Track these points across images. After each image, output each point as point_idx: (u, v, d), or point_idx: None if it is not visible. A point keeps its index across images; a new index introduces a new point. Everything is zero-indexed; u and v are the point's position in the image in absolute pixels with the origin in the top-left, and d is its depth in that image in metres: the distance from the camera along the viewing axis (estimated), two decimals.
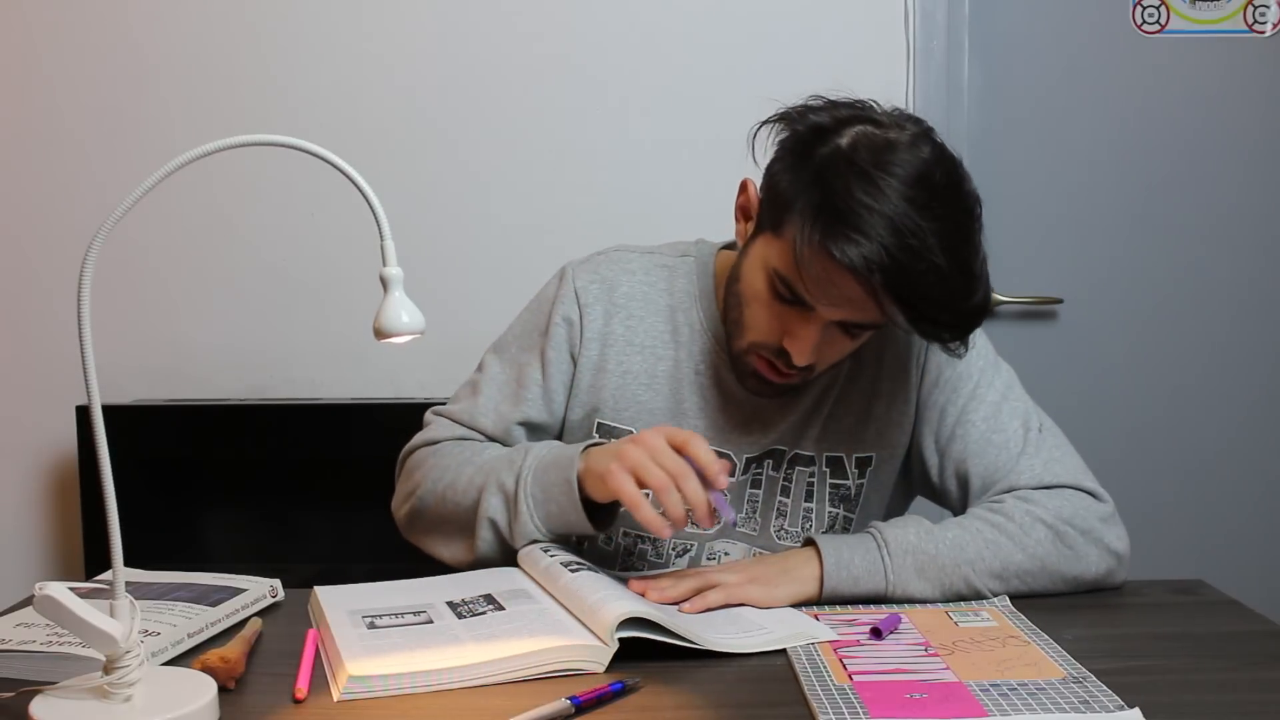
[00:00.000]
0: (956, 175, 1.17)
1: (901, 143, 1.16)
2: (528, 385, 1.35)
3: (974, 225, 1.17)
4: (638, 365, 1.35)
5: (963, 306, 1.15)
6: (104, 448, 0.88)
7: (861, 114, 1.20)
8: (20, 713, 0.88)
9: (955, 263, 1.13)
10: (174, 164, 0.88)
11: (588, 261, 1.40)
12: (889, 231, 1.10)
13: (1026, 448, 1.27)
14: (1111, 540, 1.22)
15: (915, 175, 1.13)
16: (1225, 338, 2.51)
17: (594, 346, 1.35)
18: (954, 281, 1.13)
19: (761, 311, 1.22)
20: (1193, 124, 2.47)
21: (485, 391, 1.36)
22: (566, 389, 1.36)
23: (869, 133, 1.17)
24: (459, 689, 0.95)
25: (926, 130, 1.20)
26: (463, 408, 1.37)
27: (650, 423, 1.33)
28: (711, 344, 1.34)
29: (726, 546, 1.34)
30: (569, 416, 1.36)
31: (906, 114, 1.22)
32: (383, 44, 2.30)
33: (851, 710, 0.89)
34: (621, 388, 1.34)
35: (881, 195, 1.11)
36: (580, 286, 1.37)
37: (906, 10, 2.29)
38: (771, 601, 1.15)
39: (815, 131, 1.19)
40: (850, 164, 1.13)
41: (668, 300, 1.37)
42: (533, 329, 1.38)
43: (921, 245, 1.10)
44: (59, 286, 2.31)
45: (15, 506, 2.38)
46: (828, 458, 1.34)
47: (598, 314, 1.35)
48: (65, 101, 2.31)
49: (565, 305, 1.36)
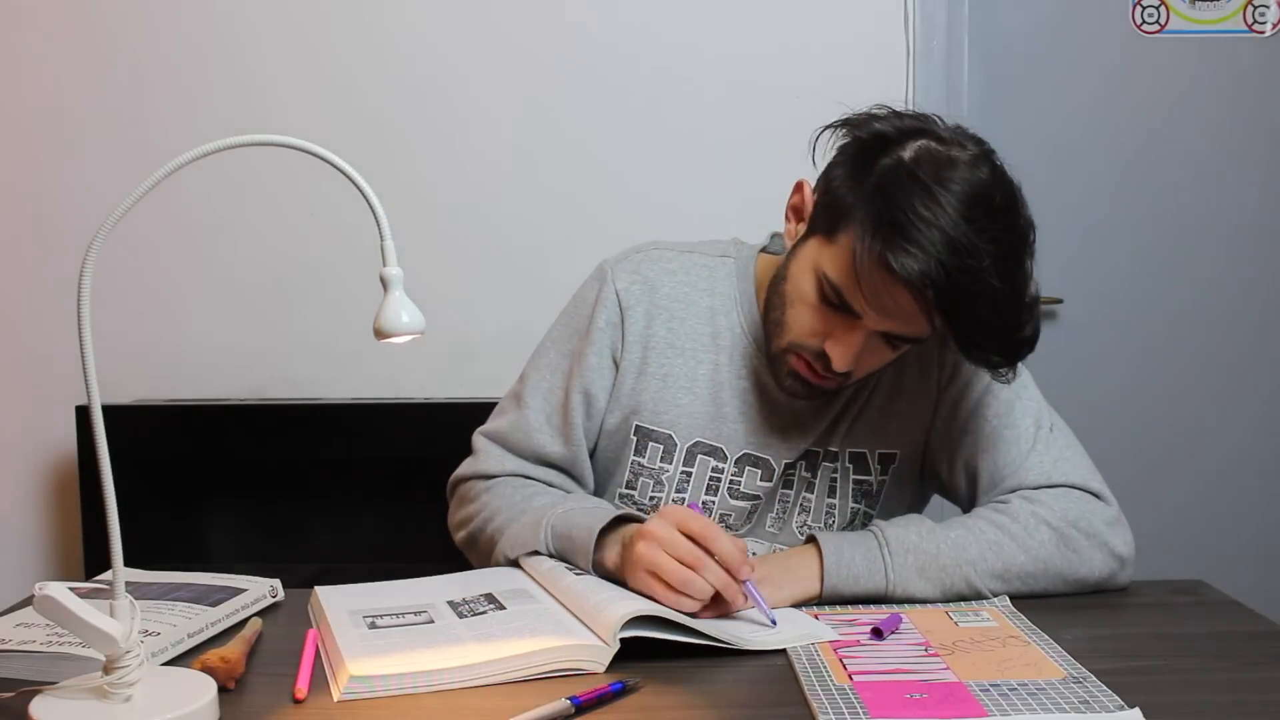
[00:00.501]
0: (1014, 200, 1.17)
1: (963, 161, 1.15)
2: (574, 392, 1.33)
3: (1027, 251, 1.17)
4: (678, 368, 1.33)
5: (1012, 331, 1.16)
6: (104, 448, 0.88)
7: (924, 127, 1.19)
8: (20, 713, 0.88)
9: (1008, 285, 1.13)
10: (174, 164, 0.88)
11: (627, 260, 1.38)
12: (946, 248, 1.10)
13: (1037, 445, 1.27)
14: (1116, 543, 1.22)
15: (974, 195, 1.13)
16: (1225, 338, 2.51)
17: (636, 349, 1.33)
18: (1005, 304, 1.13)
19: (807, 314, 1.21)
20: (1193, 124, 2.47)
21: (532, 405, 1.35)
22: (608, 393, 1.34)
23: (931, 148, 1.16)
24: (459, 689, 0.95)
25: (987, 151, 1.19)
26: (513, 427, 1.35)
27: (689, 426, 1.32)
28: (751, 348, 1.33)
29: (752, 545, 1.34)
30: (606, 420, 1.34)
31: (968, 132, 1.21)
32: (383, 44, 2.30)
33: (851, 710, 0.89)
34: (662, 390, 1.33)
35: (941, 211, 1.11)
36: (622, 288, 1.35)
37: (906, 10, 2.29)
38: (776, 602, 1.14)
39: (878, 140, 1.18)
40: (913, 177, 1.13)
41: (708, 302, 1.35)
42: (572, 333, 1.36)
43: (977, 265, 1.10)
44: (59, 286, 2.31)
45: (15, 506, 2.38)
46: (851, 453, 1.34)
47: (639, 315, 1.34)
48: (65, 102, 2.31)
49: (608, 308, 1.34)
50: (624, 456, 1.34)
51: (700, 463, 1.33)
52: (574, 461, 1.34)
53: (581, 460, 1.34)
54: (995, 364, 1.19)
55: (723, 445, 1.32)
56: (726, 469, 1.32)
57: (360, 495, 2.24)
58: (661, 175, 2.31)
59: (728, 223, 1.61)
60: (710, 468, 1.32)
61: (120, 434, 1.17)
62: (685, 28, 2.30)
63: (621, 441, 1.34)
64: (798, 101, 2.25)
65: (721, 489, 1.33)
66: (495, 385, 2.20)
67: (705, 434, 1.32)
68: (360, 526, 2.24)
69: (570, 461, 1.34)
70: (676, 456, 1.33)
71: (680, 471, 1.33)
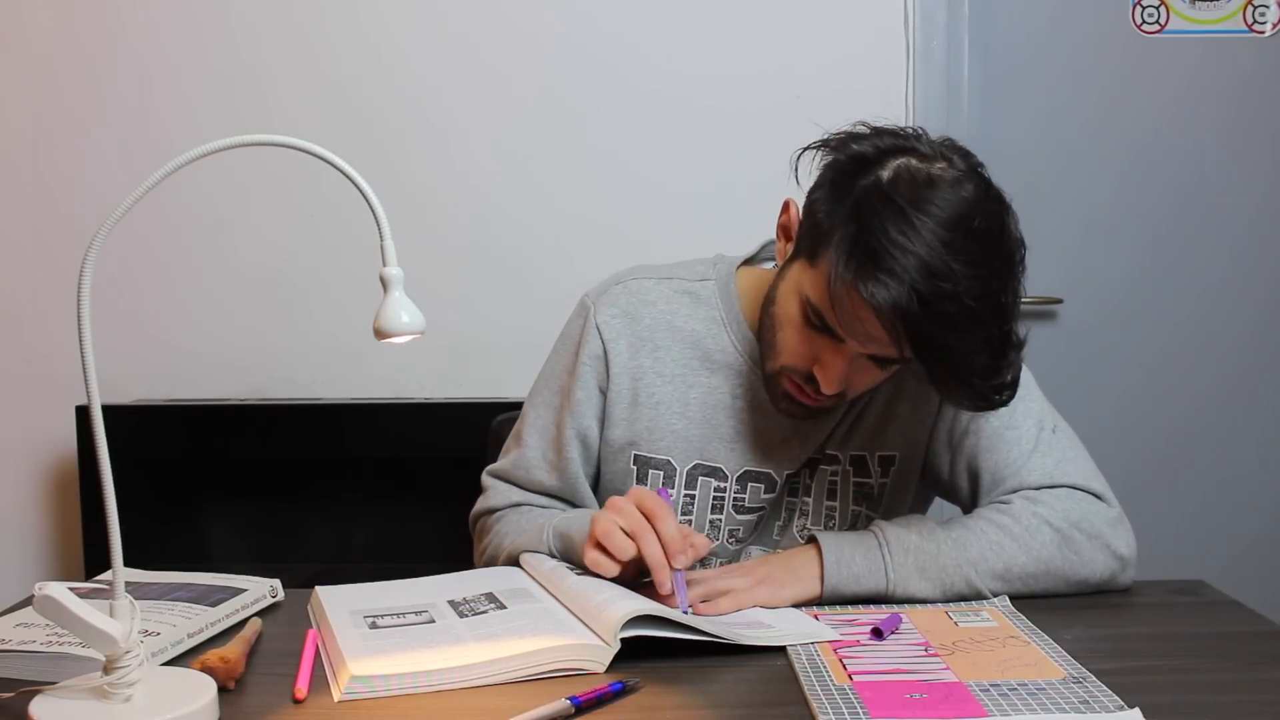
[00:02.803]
0: (999, 220, 1.13)
1: (944, 179, 1.12)
2: (565, 429, 1.35)
3: (1013, 274, 1.13)
4: (669, 395, 1.34)
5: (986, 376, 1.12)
6: (104, 448, 0.88)
7: (905, 145, 1.16)
8: (20, 713, 0.88)
9: (988, 315, 1.10)
10: (174, 164, 0.88)
11: (606, 294, 1.38)
12: (921, 274, 1.06)
13: (1039, 446, 1.27)
14: (1118, 544, 1.22)
15: (954, 216, 1.09)
16: (1225, 337, 2.51)
17: (624, 381, 1.34)
18: (981, 340, 1.10)
19: (794, 336, 1.20)
20: (1193, 124, 2.47)
21: (529, 442, 1.38)
22: (599, 421, 1.36)
23: (911, 166, 1.13)
24: (458, 689, 0.95)
25: (974, 166, 1.16)
26: (514, 465, 1.39)
27: (686, 451, 1.33)
28: (746, 365, 1.33)
29: (756, 553, 1.34)
30: (604, 448, 1.36)
31: (956, 146, 1.18)
32: (383, 44, 2.30)
33: (851, 710, 0.89)
34: (655, 419, 1.34)
35: (916, 235, 1.07)
36: (602, 322, 1.35)
37: (906, 10, 2.29)
38: (777, 602, 1.15)
39: (857, 161, 1.15)
40: (887, 200, 1.10)
41: (693, 326, 1.35)
42: (561, 370, 1.39)
43: (953, 291, 1.07)
44: (59, 286, 2.31)
45: (15, 506, 2.38)
46: (852, 456, 1.34)
47: (623, 348, 1.35)
48: (65, 102, 2.31)
49: (590, 343, 1.35)
50: (627, 486, 1.33)
51: (702, 484, 1.33)
52: (573, 493, 1.37)
53: (580, 491, 1.37)
54: (968, 406, 1.17)
55: (721, 465, 1.33)
56: (729, 488, 1.33)
57: (360, 495, 2.24)
58: (660, 178, 2.31)
59: (723, 227, 1.61)
60: (713, 488, 1.33)
61: (120, 434, 1.17)
62: (685, 29, 2.30)
63: (623, 472, 1.35)
64: (797, 102, 2.25)
65: (726, 506, 1.34)
66: (495, 385, 2.20)
67: (703, 456, 1.33)
68: (360, 526, 2.24)
69: (569, 493, 1.37)
70: (678, 481, 1.34)
71: (684, 495, 1.33)
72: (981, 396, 1.14)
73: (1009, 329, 1.13)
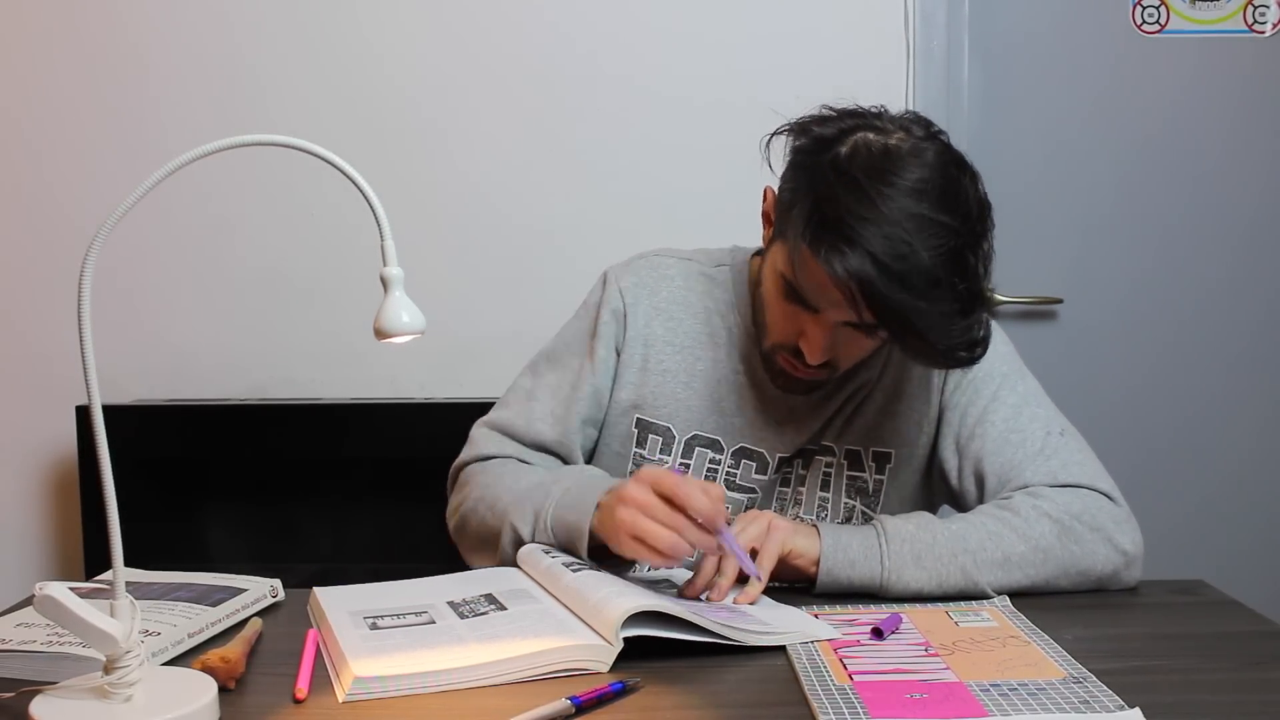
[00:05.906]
0: (955, 182, 1.16)
1: (901, 149, 1.15)
2: (581, 387, 1.37)
3: (972, 232, 1.15)
4: (677, 364, 1.38)
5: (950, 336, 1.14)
6: (104, 448, 0.88)
7: (864, 122, 1.19)
8: (20, 713, 0.88)
9: (945, 274, 1.12)
10: (174, 164, 0.88)
11: (629, 265, 1.44)
12: (879, 241, 1.10)
13: (1045, 448, 1.28)
14: (1120, 539, 1.22)
15: (910, 182, 1.13)
16: (1225, 337, 2.51)
17: (637, 345, 1.38)
18: (941, 299, 1.12)
19: (778, 312, 1.26)
20: (1193, 124, 2.47)
21: (540, 398, 1.39)
22: (611, 380, 1.39)
23: (867, 140, 1.17)
24: (458, 689, 0.95)
25: (934, 134, 1.19)
26: (516, 416, 1.39)
27: (687, 420, 1.36)
28: (749, 346, 1.37)
29: None
30: (610, 413, 1.39)
31: (916, 117, 1.21)
32: (382, 44, 2.30)
33: (851, 710, 0.89)
34: (661, 385, 1.38)
35: (871, 205, 1.11)
36: (624, 287, 1.41)
37: (906, 10, 2.29)
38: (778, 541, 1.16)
39: (819, 142, 1.20)
40: (842, 173, 1.14)
41: (705, 304, 1.40)
42: (583, 333, 1.41)
43: (911, 255, 1.09)
44: (59, 286, 2.31)
45: (15, 506, 2.38)
46: (846, 450, 1.36)
47: (641, 313, 1.39)
48: (65, 102, 2.31)
49: (612, 302, 1.40)
50: (627, 449, 1.38)
51: (698, 454, 1.37)
52: (568, 450, 1.38)
53: (575, 448, 1.38)
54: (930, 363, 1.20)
55: (720, 438, 1.36)
56: (723, 461, 1.36)
57: (360, 495, 2.24)
58: (660, 178, 2.31)
59: (725, 224, 1.61)
60: (708, 459, 1.37)
61: (120, 434, 1.17)
62: (685, 29, 2.30)
63: (624, 434, 1.38)
64: (797, 102, 2.24)
65: (719, 480, 1.36)
66: (495, 385, 2.19)
67: (703, 427, 1.37)
68: (360, 526, 2.24)
69: (564, 449, 1.38)
70: (675, 448, 1.37)
71: (679, 463, 1.37)
72: (948, 355, 1.17)
73: (977, 288, 1.15)
